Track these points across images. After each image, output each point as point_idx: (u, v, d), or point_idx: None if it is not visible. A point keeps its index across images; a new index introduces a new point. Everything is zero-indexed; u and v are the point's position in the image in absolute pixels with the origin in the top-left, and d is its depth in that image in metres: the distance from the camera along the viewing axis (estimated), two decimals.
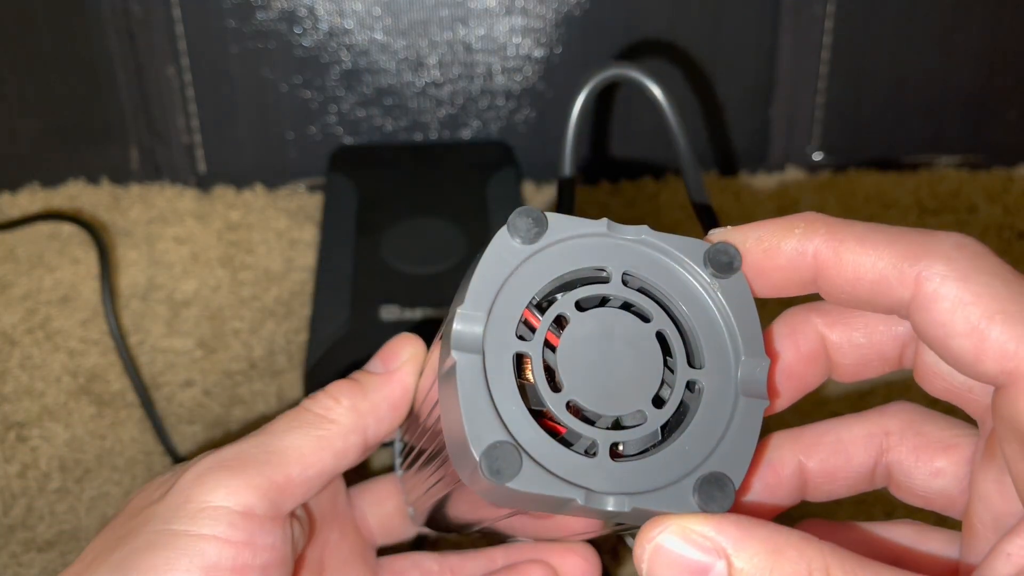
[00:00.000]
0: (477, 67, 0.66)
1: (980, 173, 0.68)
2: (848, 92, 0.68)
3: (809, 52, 0.67)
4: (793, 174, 0.68)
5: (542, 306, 0.26)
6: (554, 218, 0.26)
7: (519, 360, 0.26)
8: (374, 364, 0.33)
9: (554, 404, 0.25)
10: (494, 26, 0.65)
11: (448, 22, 0.65)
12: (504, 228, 0.26)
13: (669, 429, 0.26)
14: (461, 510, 0.32)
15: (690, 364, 0.26)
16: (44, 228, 0.63)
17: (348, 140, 0.67)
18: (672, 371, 0.26)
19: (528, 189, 0.67)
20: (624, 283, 0.27)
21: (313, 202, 0.66)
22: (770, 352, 0.28)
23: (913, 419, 0.29)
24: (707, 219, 0.40)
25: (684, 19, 0.66)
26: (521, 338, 0.25)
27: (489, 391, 0.25)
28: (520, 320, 0.26)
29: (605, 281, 0.26)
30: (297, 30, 0.64)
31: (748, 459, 0.26)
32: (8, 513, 0.48)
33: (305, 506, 0.34)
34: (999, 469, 0.26)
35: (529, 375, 0.25)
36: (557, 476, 0.24)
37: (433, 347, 0.31)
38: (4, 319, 0.58)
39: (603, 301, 0.27)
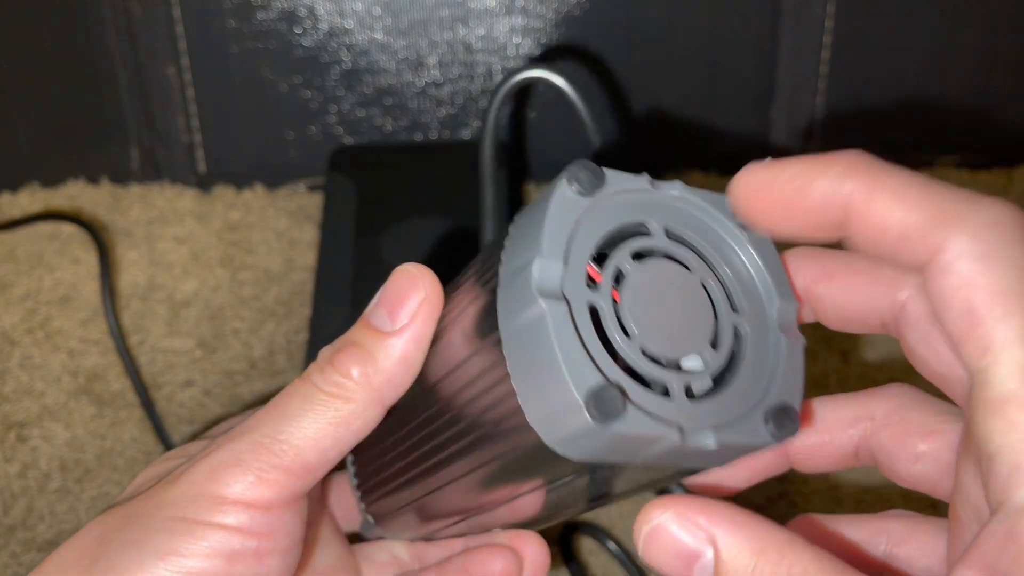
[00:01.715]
0: (477, 67, 0.66)
1: (980, 173, 0.68)
2: (848, 92, 0.68)
3: (809, 52, 0.67)
4: None
5: (595, 259, 0.27)
6: (609, 172, 0.27)
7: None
8: (379, 316, 0.30)
9: (630, 350, 0.25)
10: (494, 26, 0.65)
11: (448, 22, 0.65)
12: (563, 179, 0.26)
13: (726, 369, 0.27)
14: (444, 508, 0.32)
15: (732, 309, 0.28)
16: (44, 228, 0.63)
17: (348, 140, 0.67)
18: (717, 316, 0.27)
19: (528, 189, 0.67)
20: (667, 235, 0.28)
21: (313, 202, 0.66)
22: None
23: (901, 404, 0.29)
24: None
25: (684, 19, 0.66)
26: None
27: (580, 336, 0.24)
28: (584, 272, 0.26)
29: (649, 234, 0.27)
30: (297, 30, 0.64)
31: (801, 391, 0.27)
32: (8, 513, 0.48)
33: None
34: (976, 461, 0.25)
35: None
36: (654, 416, 0.24)
37: (455, 299, 0.29)
38: (4, 319, 0.58)
39: (649, 253, 0.27)
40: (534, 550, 0.35)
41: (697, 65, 0.67)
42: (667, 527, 0.24)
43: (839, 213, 0.25)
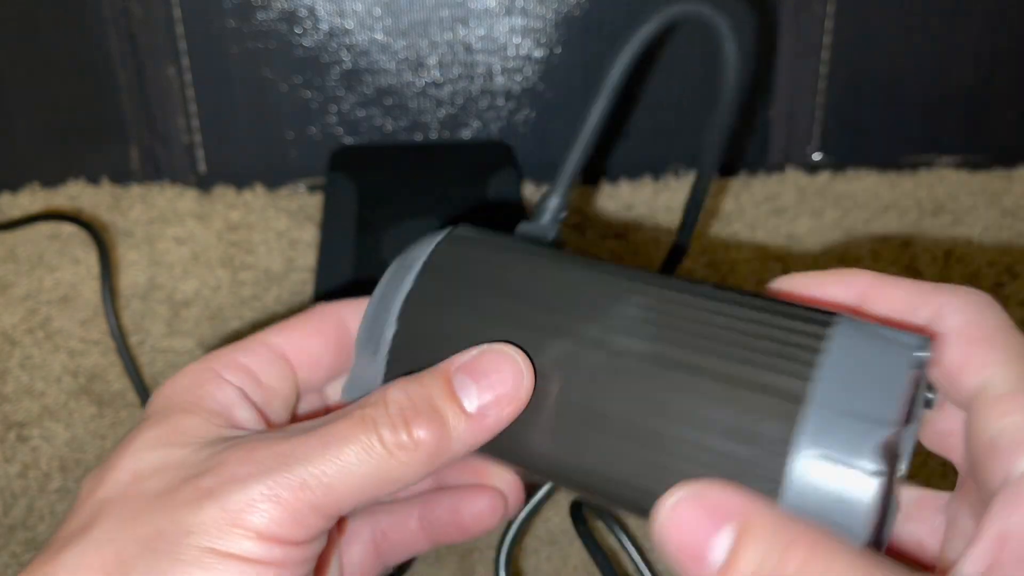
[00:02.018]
0: (477, 67, 0.66)
1: (979, 173, 0.68)
2: (848, 92, 0.68)
3: (809, 52, 0.67)
4: (793, 174, 0.68)
5: None
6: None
7: None
8: (467, 388, 0.28)
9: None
10: (494, 26, 0.65)
11: (448, 22, 0.65)
12: (919, 347, 0.27)
13: None
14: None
15: None
16: (45, 228, 0.63)
17: (348, 140, 0.67)
18: None
19: (528, 189, 0.67)
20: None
21: (313, 202, 0.66)
22: None
23: None
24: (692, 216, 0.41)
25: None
26: None
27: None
28: None
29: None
30: (297, 30, 0.64)
31: None
32: (9, 513, 0.48)
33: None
34: (967, 515, 0.28)
35: None
36: None
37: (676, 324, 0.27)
38: (5, 319, 0.58)
39: None
40: (515, 491, 0.36)
41: (697, 65, 0.67)
42: (686, 507, 0.24)
43: (856, 297, 0.30)
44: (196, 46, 0.65)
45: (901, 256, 0.62)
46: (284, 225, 0.64)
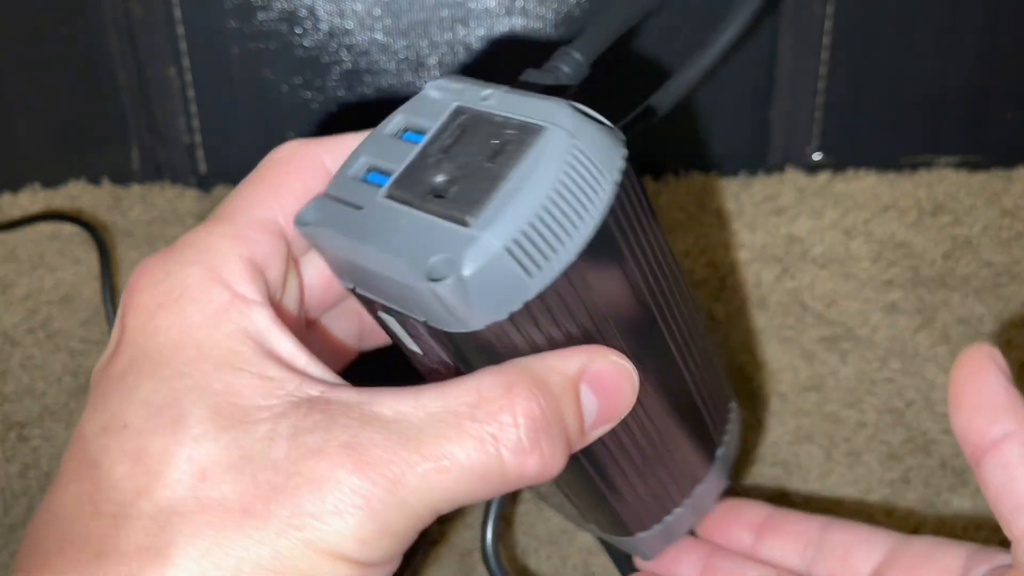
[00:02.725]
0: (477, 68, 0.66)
1: (979, 174, 0.68)
2: (848, 92, 0.68)
3: (809, 52, 0.67)
4: (792, 174, 0.68)
5: None
6: None
7: None
8: (589, 403, 0.25)
9: None
10: (494, 27, 0.65)
11: (448, 23, 0.65)
12: None
13: None
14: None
15: None
16: (45, 228, 0.64)
17: None
18: None
19: None
20: None
21: None
22: None
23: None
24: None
25: (683, 19, 0.66)
26: None
27: None
28: None
29: None
30: (298, 31, 0.64)
31: None
32: (9, 513, 0.49)
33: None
34: None
35: None
36: None
37: None
38: (5, 319, 0.58)
39: None
40: None
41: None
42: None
43: None
44: (197, 46, 0.65)
45: (900, 257, 0.62)
46: None
